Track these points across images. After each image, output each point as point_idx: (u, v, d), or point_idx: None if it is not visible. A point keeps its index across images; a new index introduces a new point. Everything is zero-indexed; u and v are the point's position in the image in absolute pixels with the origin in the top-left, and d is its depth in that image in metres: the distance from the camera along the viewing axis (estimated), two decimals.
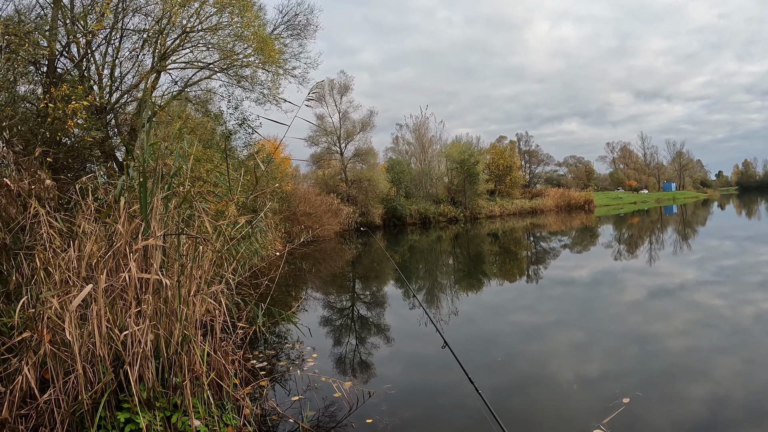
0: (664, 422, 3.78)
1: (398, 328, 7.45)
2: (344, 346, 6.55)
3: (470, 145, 42.70)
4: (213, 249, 4.12)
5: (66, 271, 3.56)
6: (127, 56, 12.33)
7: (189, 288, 3.73)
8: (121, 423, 3.14)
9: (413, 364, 5.73)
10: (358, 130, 37.43)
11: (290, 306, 7.31)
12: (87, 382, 3.12)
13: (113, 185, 4.56)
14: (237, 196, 5.02)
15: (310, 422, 3.97)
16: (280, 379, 5.07)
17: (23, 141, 6.43)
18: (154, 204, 3.78)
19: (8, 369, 3.22)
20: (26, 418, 3.09)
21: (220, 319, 3.92)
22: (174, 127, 4.92)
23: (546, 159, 71.20)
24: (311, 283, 12.28)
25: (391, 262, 14.39)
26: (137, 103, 12.67)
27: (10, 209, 4.32)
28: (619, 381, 4.57)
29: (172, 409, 3.36)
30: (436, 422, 4.04)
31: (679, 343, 5.77)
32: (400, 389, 4.70)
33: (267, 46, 12.78)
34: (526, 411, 4.25)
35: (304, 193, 24.90)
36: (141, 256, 3.65)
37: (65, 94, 7.67)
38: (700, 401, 4.19)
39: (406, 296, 10.41)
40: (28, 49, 8.03)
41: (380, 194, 34.25)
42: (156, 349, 3.40)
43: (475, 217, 38.61)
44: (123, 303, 3.47)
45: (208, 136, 12.93)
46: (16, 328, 3.29)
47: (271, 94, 14.42)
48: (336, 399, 4.45)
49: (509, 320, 7.70)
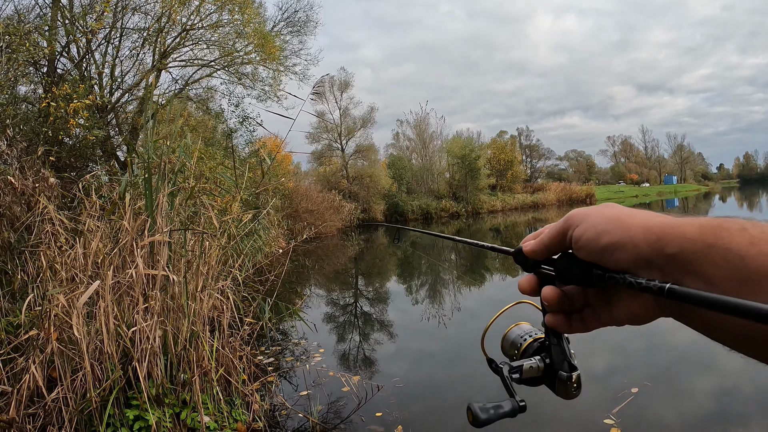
0: (672, 412, 3.77)
1: (403, 324, 7.43)
2: (350, 342, 6.54)
3: (471, 141, 42.66)
4: (219, 245, 4.10)
5: (72, 268, 3.54)
6: (127, 55, 12.35)
7: (196, 284, 3.72)
8: (130, 420, 3.13)
9: (420, 359, 5.71)
10: (358, 126, 37.46)
11: (294, 303, 7.30)
12: (95, 379, 3.10)
13: (117, 182, 4.54)
14: (241, 193, 4.99)
15: (320, 416, 3.95)
16: (288, 375, 5.05)
17: (26, 140, 6.41)
18: (159, 200, 3.76)
19: (15, 368, 3.21)
20: (34, 417, 3.07)
21: (227, 314, 3.90)
22: (176, 124, 4.89)
23: (547, 153, 71.32)
24: (314, 280, 12.26)
25: (394, 258, 14.38)
26: (138, 102, 12.66)
27: (14, 208, 4.30)
28: (627, 373, 4.56)
29: (182, 405, 3.35)
30: (445, 415, 4.03)
31: (685, 334, 5.74)
32: (409, 383, 4.68)
33: (268, 42, 12.76)
34: (535, 402, 4.22)
35: (305, 191, 24.88)
36: (147, 252, 3.63)
37: (66, 94, 7.65)
38: (708, 392, 4.18)
39: (409, 291, 10.40)
40: (29, 49, 8.01)
41: (381, 190, 34.23)
42: (164, 345, 3.38)
43: (477, 212, 38.56)
44: (130, 300, 3.46)
45: (210, 135, 12.91)
46: (22, 327, 3.28)
47: (272, 91, 14.40)
48: (344, 393, 4.44)
49: (514, 315, 7.66)
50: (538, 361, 0.58)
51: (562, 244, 0.51)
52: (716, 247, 0.39)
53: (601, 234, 0.46)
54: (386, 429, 3.75)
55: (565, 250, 0.51)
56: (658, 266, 0.42)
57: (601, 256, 0.46)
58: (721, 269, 0.38)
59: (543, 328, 0.59)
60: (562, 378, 0.56)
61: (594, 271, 0.47)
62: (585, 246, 0.47)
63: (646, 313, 0.46)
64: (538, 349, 0.60)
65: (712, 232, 0.40)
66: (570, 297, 0.53)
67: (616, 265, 0.45)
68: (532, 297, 0.58)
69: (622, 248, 0.44)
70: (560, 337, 0.57)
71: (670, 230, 0.42)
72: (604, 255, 0.46)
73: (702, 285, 0.39)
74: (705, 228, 0.40)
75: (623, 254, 0.44)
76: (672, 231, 0.42)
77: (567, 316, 0.54)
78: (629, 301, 0.47)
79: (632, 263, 0.44)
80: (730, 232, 0.39)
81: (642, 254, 0.43)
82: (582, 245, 0.48)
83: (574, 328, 0.54)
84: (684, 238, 0.41)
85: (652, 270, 0.43)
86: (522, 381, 0.59)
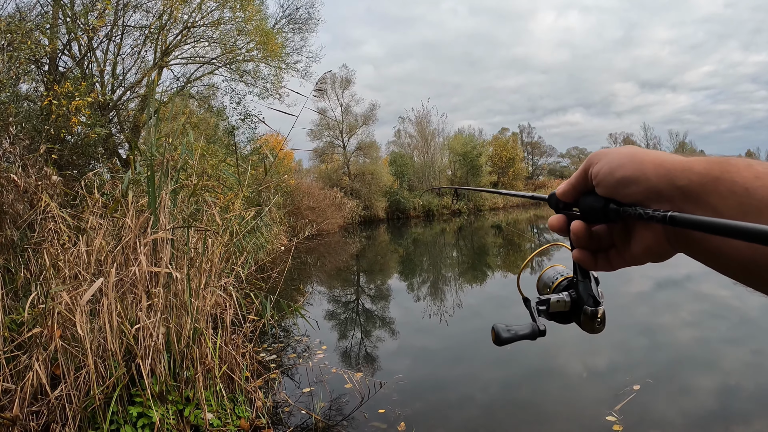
0: (673, 409, 3.77)
1: (405, 320, 7.43)
2: (352, 339, 6.55)
3: (472, 138, 42.56)
4: (222, 242, 4.11)
5: (75, 266, 3.54)
6: (128, 53, 12.33)
7: (199, 281, 3.72)
8: (134, 417, 3.14)
9: (422, 356, 5.72)
10: (360, 123, 37.37)
11: (296, 300, 7.30)
12: (98, 377, 3.10)
13: (120, 180, 4.54)
14: (244, 190, 5.00)
15: (323, 413, 3.96)
16: (290, 372, 5.06)
17: (28, 138, 6.42)
18: (162, 197, 3.77)
19: (18, 366, 3.21)
20: (38, 414, 3.08)
21: (230, 312, 3.91)
22: (178, 122, 4.90)
23: (549, 150, 71.03)
24: (316, 277, 12.27)
25: (396, 255, 14.38)
26: (140, 100, 12.66)
27: (17, 206, 4.31)
28: (629, 370, 4.56)
29: (185, 402, 3.36)
30: (448, 412, 4.03)
31: (687, 332, 5.76)
32: (411, 380, 4.69)
33: (269, 40, 12.74)
34: (537, 399, 4.23)
35: (307, 188, 24.86)
36: (150, 249, 3.64)
37: (68, 91, 7.66)
38: (710, 389, 4.18)
39: (411, 288, 10.40)
40: (30, 47, 8.01)
41: (383, 187, 34.20)
42: (167, 342, 3.39)
43: (479, 209, 38.51)
44: (133, 297, 3.46)
45: (211, 132, 12.91)
46: (25, 325, 3.29)
47: (274, 89, 14.38)
48: (347, 390, 4.45)
49: (516, 312, 7.67)
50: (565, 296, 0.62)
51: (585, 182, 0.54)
52: (722, 180, 0.41)
53: (616, 168, 0.48)
54: (389, 426, 3.76)
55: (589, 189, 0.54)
56: (668, 198, 0.45)
57: (616, 190, 0.49)
58: (726, 200, 0.41)
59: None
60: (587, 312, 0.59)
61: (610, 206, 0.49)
62: (602, 181, 0.50)
63: (659, 246, 0.49)
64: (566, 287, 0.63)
65: (719, 167, 0.42)
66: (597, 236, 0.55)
67: (630, 198, 0.48)
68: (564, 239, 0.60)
69: (635, 182, 0.47)
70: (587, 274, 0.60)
71: (680, 164, 0.45)
72: (619, 189, 0.48)
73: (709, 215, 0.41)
74: (712, 163, 0.43)
75: (636, 187, 0.47)
76: (681, 165, 0.44)
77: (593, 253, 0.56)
78: (644, 235, 0.50)
79: (644, 196, 0.46)
80: (736, 167, 0.41)
81: (653, 187, 0.46)
82: (599, 181, 0.50)
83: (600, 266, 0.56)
84: (692, 171, 0.43)
85: (662, 202, 0.45)
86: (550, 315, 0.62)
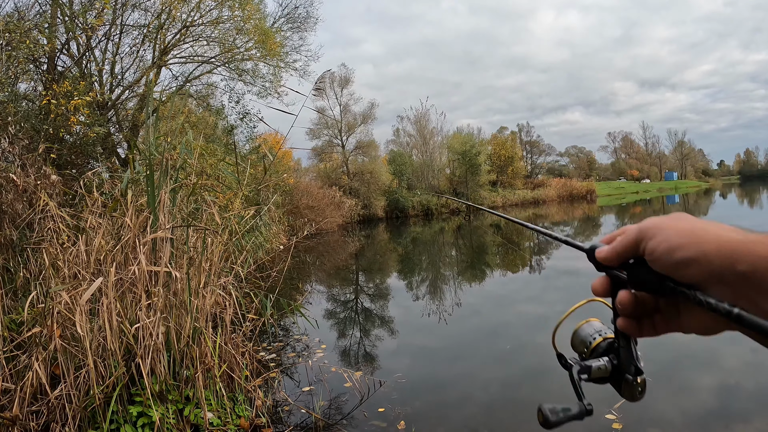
0: (673, 408, 3.78)
1: (404, 319, 7.44)
2: (351, 338, 6.55)
3: (471, 137, 42.59)
4: (221, 241, 4.11)
5: (74, 265, 3.54)
6: (127, 52, 12.30)
7: (198, 280, 3.72)
8: (134, 417, 3.13)
9: (422, 354, 5.72)
10: (359, 122, 37.40)
11: (296, 299, 7.31)
12: (98, 376, 3.10)
13: (119, 179, 4.54)
14: (243, 189, 4.99)
15: (322, 412, 3.96)
16: (290, 371, 5.07)
17: (27, 137, 6.40)
18: (161, 197, 3.76)
19: (18, 366, 3.21)
20: (37, 414, 3.08)
21: (229, 311, 3.90)
22: (177, 121, 4.90)
23: (547, 149, 71.18)
24: (315, 276, 12.28)
25: (395, 254, 14.39)
26: (138, 99, 12.64)
27: (16, 205, 4.30)
28: None
29: (185, 401, 3.36)
30: (447, 411, 4.04)
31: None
32: (411, 379, 4.69)
33: (268, 39, 12.72)
34: (537, 398, 4.23)
35: (306, 187, 24.87)
36: (150, 249, 3.64)
37: (67, 91, 7.65)
38: (710, 387, 4.18)
39: (410, 287, 10.41)
40: (29, 46, 7.99)
41: (382, 186, 34.23)
42: (167, 341, 3.39)
43: (478, 208, 38.52)
44: (133, 296, 3.46)
45: (210, 131, 12.90)
46: (25, 324, 3.28)
47: (273, 88, 14.36)
48: (347, 389, 4.45)
49: (515, 311, 7.69)
50: (606, 362, 0.60)
51: (635, 253, 0.52)
52: None
53: (675, 249, 0.46)
54: (389, 424, 3.76)
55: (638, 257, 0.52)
56: (729, 282, 0.42)
57: (675, 270, 0.47)
58: None
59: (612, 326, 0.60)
60: (628, 381, 0.58)
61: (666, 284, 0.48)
62: (659, 259, 0.48)
63: (716, 326, 0.48)
64: (606, 350, 0.61)
65: None
66: (642, 302, 0.54)
67: (687, 279, 0.46)
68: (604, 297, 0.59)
69: (695, 264, 0.45)
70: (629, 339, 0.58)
71: (743, 246, 0.42)
72: (678, 269, 0.46)
73: None
74: None
75: (696, 269, 0.45)
76: (743, 247, 0.42)
77: (638, 320, 0.55)
78: (700, 315, 0.48)
79: (704, 279, 0.44)
80: None
81: (714, 270, 0.43)
82: (656, 258, 0.48)
83: (645, 332, 0.55)
84: (755, 255, 0.40)
85: (723, 286, 0.43)
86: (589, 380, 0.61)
